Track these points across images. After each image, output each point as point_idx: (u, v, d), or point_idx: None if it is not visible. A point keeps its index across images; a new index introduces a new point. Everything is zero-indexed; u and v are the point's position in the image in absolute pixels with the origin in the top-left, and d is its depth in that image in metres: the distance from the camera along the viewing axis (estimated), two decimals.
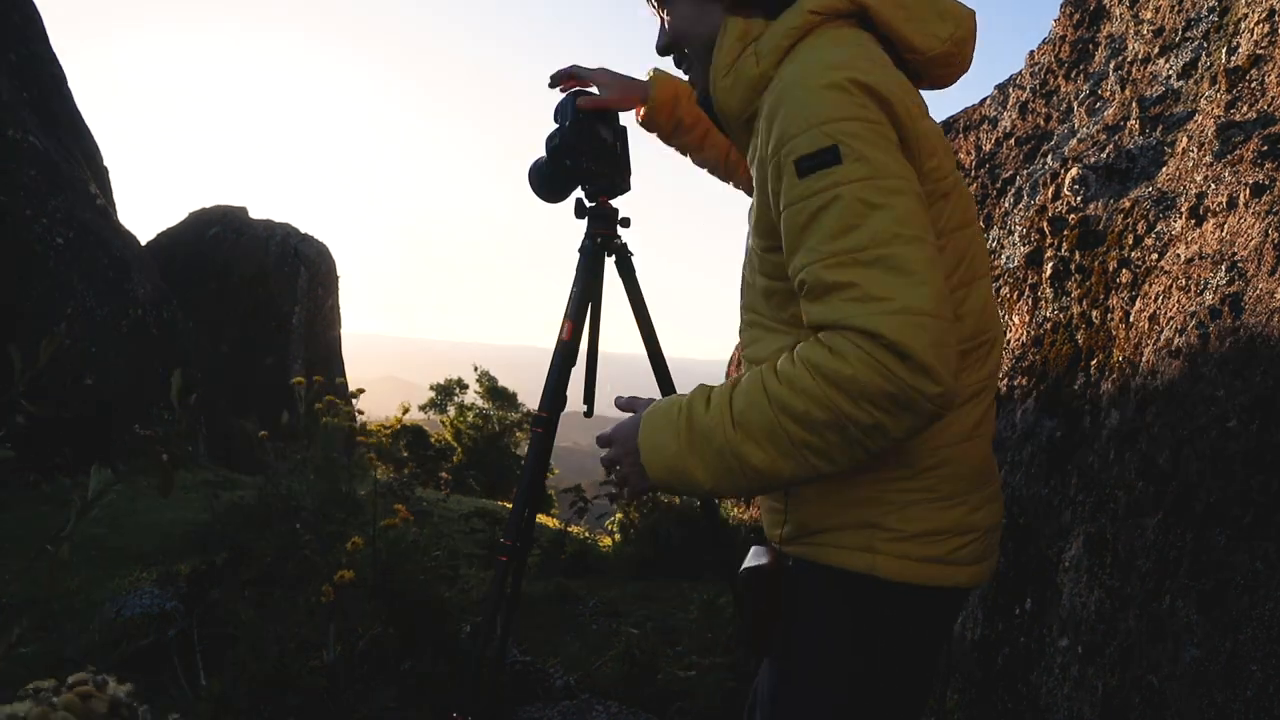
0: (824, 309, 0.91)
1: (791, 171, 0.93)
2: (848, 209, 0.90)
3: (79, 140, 7.39)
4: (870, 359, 0.86)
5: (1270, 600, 1.11)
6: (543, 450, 1.90)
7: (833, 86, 0.93)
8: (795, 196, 0.93)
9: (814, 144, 0.92)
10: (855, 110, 0.92)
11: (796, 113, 0.94)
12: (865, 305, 0.88)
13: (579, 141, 1.79)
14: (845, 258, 0.90)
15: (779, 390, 0.92)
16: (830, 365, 0.88)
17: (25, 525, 4.31)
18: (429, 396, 11.64)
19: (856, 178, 0.90)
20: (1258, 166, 1.48)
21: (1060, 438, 1.84)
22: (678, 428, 0.99)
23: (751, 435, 0.93)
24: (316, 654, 2.29)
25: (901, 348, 0.85)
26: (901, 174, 0.93)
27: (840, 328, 0.89)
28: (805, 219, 0.93)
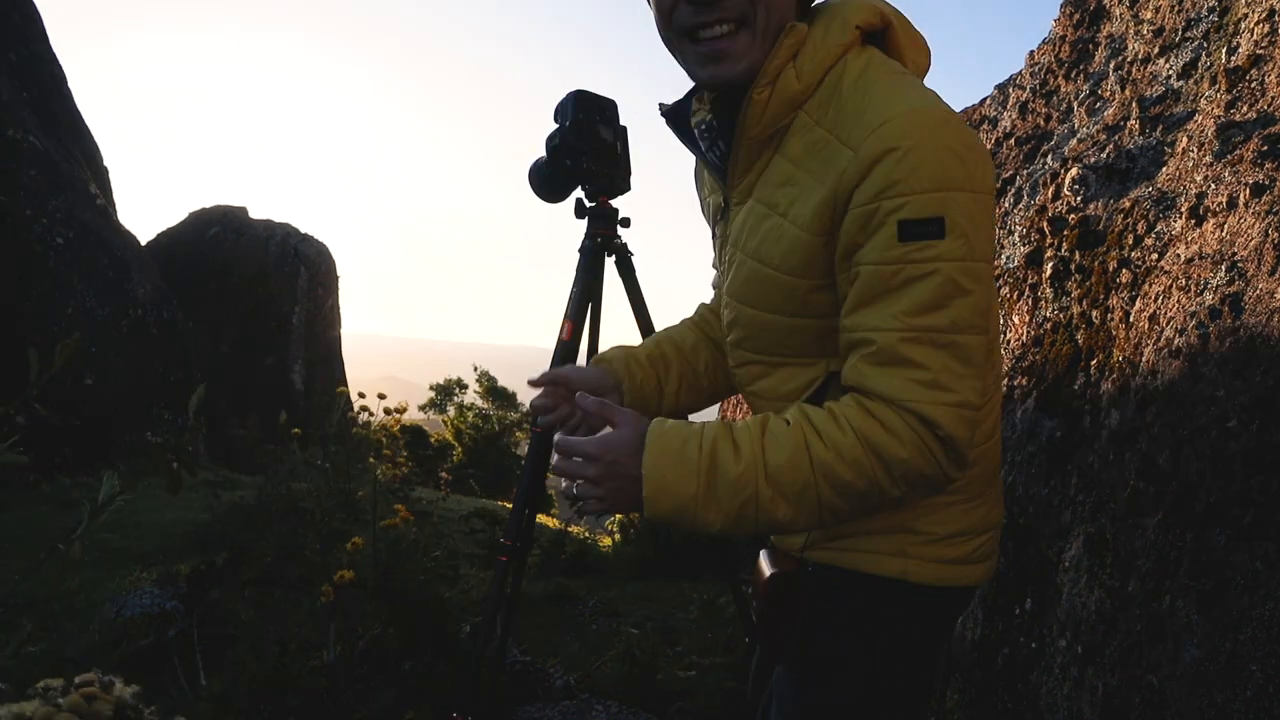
0: (889, 382, 0.91)
1: (892, 231, 0.90)
2: (940, 288, 0.89)
3: (79, 140, 7.39)
4: (924, 446, 0.90)
5: (1270, 600, 1.11)
6: (543, 450, 1.90)
7: (950, 151, 0.90)
8: (889, 258, 0.90)
9: (924, 210, 0.89)
10: (966, 180, 0.90)
11: (913, 170, 0.89)
12: (932, 392, 0.90)
13: (579, 141, 1.79)
14: (924, 335, 0.90)
15: (825, 456, 0.91)
16: (886, 444, 0.90)
17: (25, 525, 4.31)
18: (429, 396, 11.65)
19: (955, 257, 0.90)
20: (1258, 166, 1.48)
21: (1060, 438, 1.84)
22: (698, 471, 0.92)
23: (783, 493, 0.92)
24: (316, 654, 2.29)
25: (953, 441, 0.90)
26: (988, 255, 0.93)
27: (900, 407, 0.90)
28: (894, 283, 0.91)
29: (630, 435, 0.97)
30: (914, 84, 0.97)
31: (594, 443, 0.98)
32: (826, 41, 0.98)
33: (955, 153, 0.90)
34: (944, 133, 0.90)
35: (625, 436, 0.97)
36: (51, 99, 7.07)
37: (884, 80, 0.97)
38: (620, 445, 0.96)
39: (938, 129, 0.90)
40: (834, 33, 0.99)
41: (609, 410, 1.01)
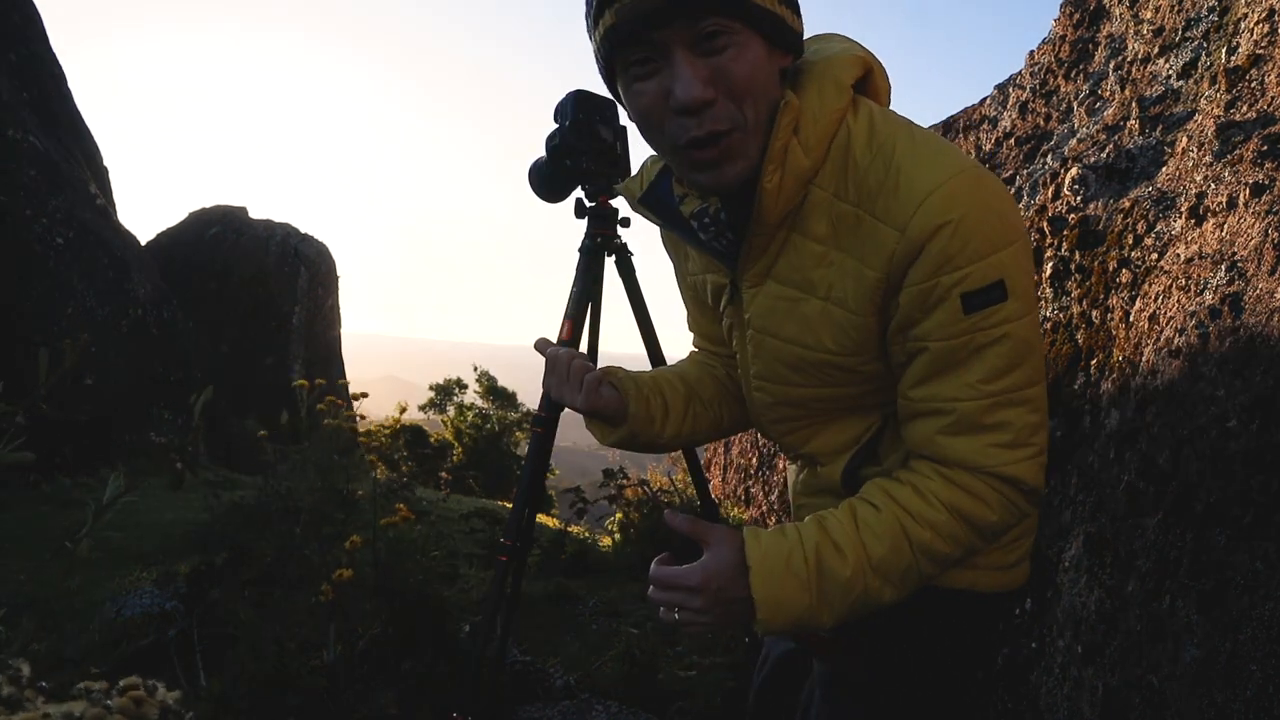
0: (968, 450, 0.92)
1: (956, 305, 0.89)
2: (1012, 350, 0.90)
3: (79, 140, 7.39)
4: (1010, 504, 0.93)
5: (1270, 600, 1.11)
6: (543, 450, 1.90)
7: (994, 211, 0.89)
8: (956, 331, 0.90)
9: (984, 279, 0.88)
10: (1012, 234, 0.90)
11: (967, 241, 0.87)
12: (1013, 452, 0.92)
13: (579, 141, 1.79)
14: (1002, 398, 0.91)
15: (922, 536, 0.92)
16: (975, 512, 0.92)
17: (25, 525, 4.31)
18: (429, 396, 11.65)
19: (1019, 315, 0.90)
20: (1258, 166, 1.48)
21: (1060, 438, 1.84)
22: (807, 581, 0.91)
23: (889, 580, 0.93)
24: (316, 654, 2.29)
25: (1035, 490, 0.94)
26: (1035, 300, 0.94)
27: (983, 472, 0.92)
28: (964, 354, 0.91)
29: (731, 558, 0.92)
30: (931, 140, 0.93)
31: (696, 573, 0.92)
32: (824, 109, 0.92)
33: (998, 211, 0.89)
34: (982, 193, 0.89)
35: (726, 560, 0.92)
36: (51, 99, 7.07)
37: (903, 143, 0.92)
38: (724, 571, 0.92)
39: (977, 191, 0.89)
40: (830, 98, 0.93)
41: (702, 529, 0.96)
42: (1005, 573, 1.08)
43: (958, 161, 0.90)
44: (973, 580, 1.05)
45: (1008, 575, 1.08)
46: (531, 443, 1.91)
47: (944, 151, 0.92)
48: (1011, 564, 1.08)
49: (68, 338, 5.80)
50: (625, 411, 1.21)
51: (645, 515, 4.47)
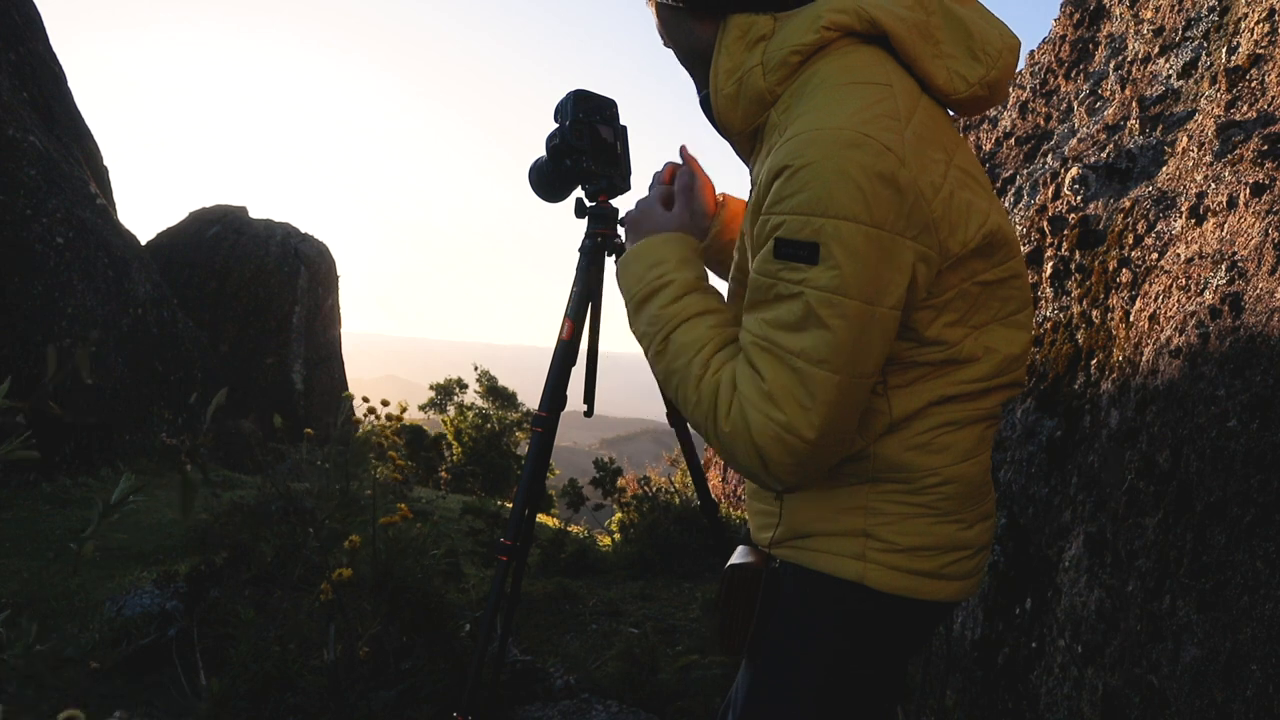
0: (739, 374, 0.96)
1: (771, 246, 0.91)
2: (799, 311, 0.90)
3: (79, 140, 7.39)
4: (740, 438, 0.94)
5: (1270, 600, 1.11)
6: (543, 450, 1.90)
7: (844, 176, 0.86)
8: (766, 270, 0.92)
9: (798, 233, 0.88)
10: (857, 211, 0.86)
11: (797, 190, 0.88)
12: (761, 401, 0.92)
13: (579, 141, 1.79)
14: (776, 350, 0.92)
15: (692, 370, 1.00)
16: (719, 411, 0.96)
17: (25, 525, 4.31)
18: (429, 396, 11.64)
19: (820, 286, 0.88)
20: (1258, 166, 1.48)
21: (1060, 437, 1.84)
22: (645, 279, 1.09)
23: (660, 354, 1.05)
24: (316, 654, 2.29)
25: (763, 453, 0.92)
26: (868, 296, 0.89)
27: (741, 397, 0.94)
28: (767, 295, 0.93)
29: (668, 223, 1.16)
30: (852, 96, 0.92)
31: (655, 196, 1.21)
32: (789, 40, 0.97)
33: (850, 179, 0.86)
34: (847, 156, 0.87)
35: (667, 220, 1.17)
36: (51, 99, 7.07)
37: (827, 90, 0.94)
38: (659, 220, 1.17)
39: (841, 151, 0.87)
40: (799, 31, 0.97)
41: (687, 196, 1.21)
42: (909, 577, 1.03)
43: (842, 119, 0.89)
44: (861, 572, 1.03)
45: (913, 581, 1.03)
46: (532, 442, 1.91)
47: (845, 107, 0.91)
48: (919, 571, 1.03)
49: (69, 338, 5.81)
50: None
51: (645, 515, 4.47)
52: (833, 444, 0.93)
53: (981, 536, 1.09)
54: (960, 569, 1.06)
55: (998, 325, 1.03)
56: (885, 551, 1.02)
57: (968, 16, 1.04)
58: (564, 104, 1.82)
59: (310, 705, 2.16)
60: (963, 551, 1.06)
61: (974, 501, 1.07)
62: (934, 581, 1.04)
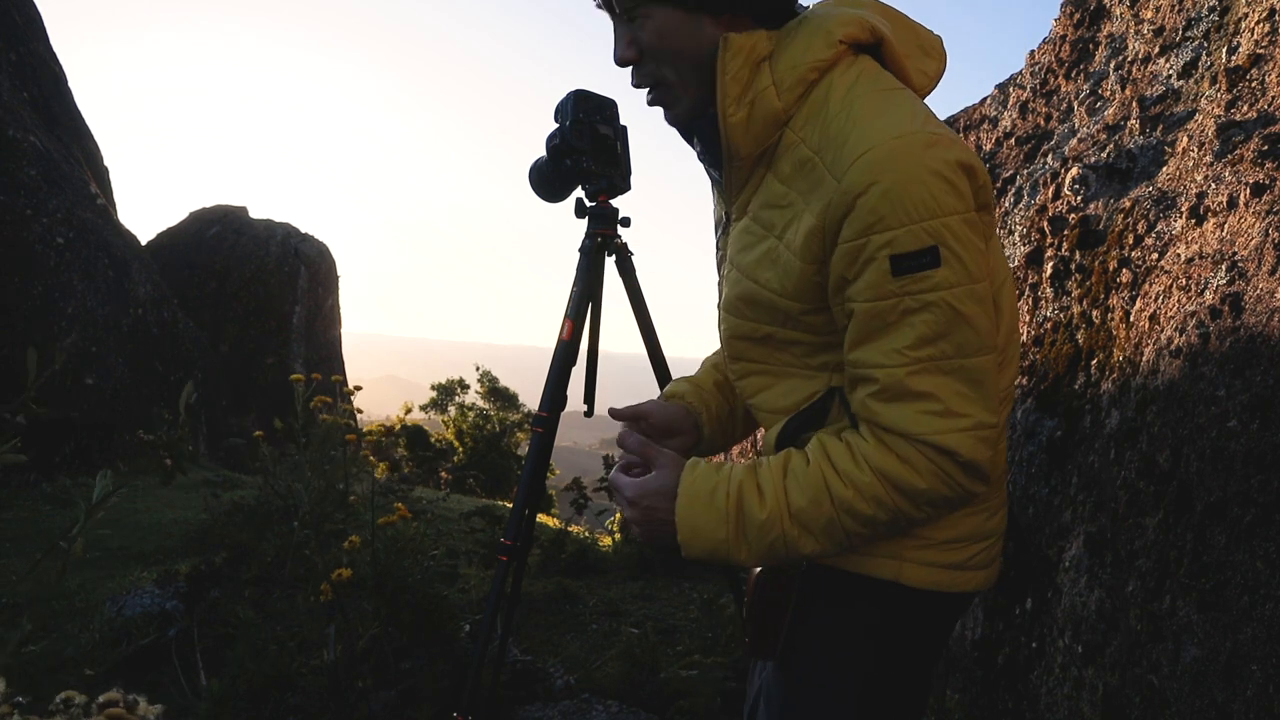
0: (898, 415, 0.91)
1: (884, 267, 0.89)
2: (941, 317, 0.89)
3: (79, 140, 7.39)
4: (943, 474, 0.91)
5: (1270, 600, 1.11)
6: (543, 450, 1.90)
7: (934, 174, 0.88)
8: (885, 293, 0.90)
9: (916, 242, 0.88)
10: (954, 202, 0.89)
11: (896, 202, 0.87)
12: (944, 421, 0.90)
13: (579, 141, 1.79)
14: (930, 365, 0.90)
15: (844, 494, 0.93)
16: (903, 477, 0.91)
17: (25, 525, 4.31)
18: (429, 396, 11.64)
19: (953, 283, 0.89)
20: (1258, 166, 1.48)
21: (1060, 437, 1.84)
22: (726, 517, 0.96)
23: (809, 530, 0.95)
24: (316, 654, 2.29)
25: (972, 463, 0.91)
26: (985, 274, 0.92)
27: (916, 440, 0.91)
28: (893, 317, 0.91)
29: (666, 481, 1.02)
30: (901, 104, 0.94)
31: (632, 486, 1.03)
32: (807, 56, 0.96)
33: (942, 176, 0.88)
34: (929, 157, 0.88)
35: (661, 481, 1.02)
36: (51, 99, 7.08)
37: (869, 101, 0.94)
38: (656, 490, 1.02)
39: (922, 155, 0.88)
40: (815, 47, 0.96)
41: (649, 451, 1.06)
42: (942, 571, 1.04)
43: (914, 124, 0.90)
44: (898, 571, 1.02)
45: (946, 575, 1.04)
46: (532, 443, 1.91)
47: (902, 113, 0.92)
48: (952, 564, 1.04)
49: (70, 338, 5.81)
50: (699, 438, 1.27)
51: None
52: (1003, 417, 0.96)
53: (1001, 523, 1.12)
54: (985, 557, 1.08)
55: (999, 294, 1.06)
56: (921, 548, 1.03)
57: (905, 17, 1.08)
58: (564, 104, 1.82)
59: (310, 705, 2.16)
60: (988, 540, 1.08)
61: (996, 489, 1.09)
62: (964, 573, 1.06)
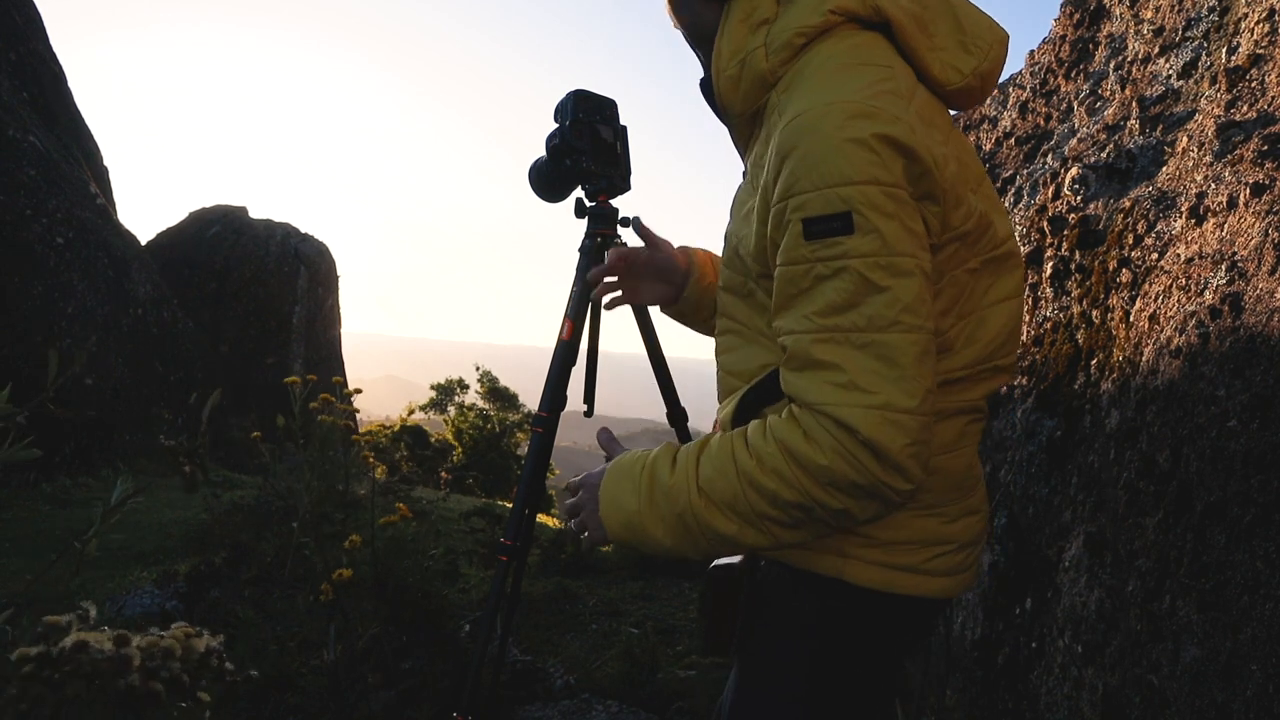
0: (805, 385, 0.88)
1: (798, 230, 0.87)
2: (850, 285, 0.86)
3: (79, 140, 7.39)
4: (845, 451, 0.85)
5: (1270, 600, 1.11)
6: (543, 450, 1.90)
7: (856, 142, 0.86)
8: (797, 257, 0.88)
9: (827, 206, 0.86)
10: (876, 171, 0.86)
11: (812, 166, 0.86)
12: (848, 394, 0.85)
13: (579, 141, 1.79)
14: (838, 335, 0.87)
15: (749, 465, 0.90)
16: (804, 450, 0.86)
17: (25, 525, 4.31)
18: (429, 396, 11.64)
19: (865, 252, 0.85)
20: (1258, 166, 1.48)
21: (1060, 437, 1.84)
22: (639, 485, 0.96)
23: (715, 503, 0.92)
24: (316, 654, 2.29)
25: (877, 445, 0.84)
26: (912, 250, 0.87)
27: (818, 411, 0.87)
28: (804, 284, 0.89)
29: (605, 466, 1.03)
30: (858, 76, 0.92)
31: (583, 475, 1.06)
32: (793, 21, 0.97)
33: (864, 144, 0.86)
34: (859, 125, 0.86)
35: (601, 469, 1.04)
36: (51, 99, 7.07)
37: (826, 71, 0.94)
38: (598, 472, 1.04)
39: (852, 121, 0.86)
40: (804, 13, 0.97)
41: (611, 445, 1.08)
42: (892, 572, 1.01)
43: (849, 94, 0.89)
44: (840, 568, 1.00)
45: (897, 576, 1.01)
46: (532, 442, 1.91)
47: (850, 84, 0.91)
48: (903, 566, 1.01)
49: (70, 338, 5.81)
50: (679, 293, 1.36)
51: None
52: (929, 409, 0.88)
53: (966, 532, 1.07)
54: (944, 564, 1.04)
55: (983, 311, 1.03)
56: (864, 546, 1.00)
57: (959, 8, 1.05)
58: (564, 104, 1.82)
59: (310, 705, 2.16)
60: (945, 546, 1.04)
61: (956, 495, 1.05)
62: (916, 576, 1.02)
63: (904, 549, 1.02)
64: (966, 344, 1.02)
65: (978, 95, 1.06)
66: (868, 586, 1.01)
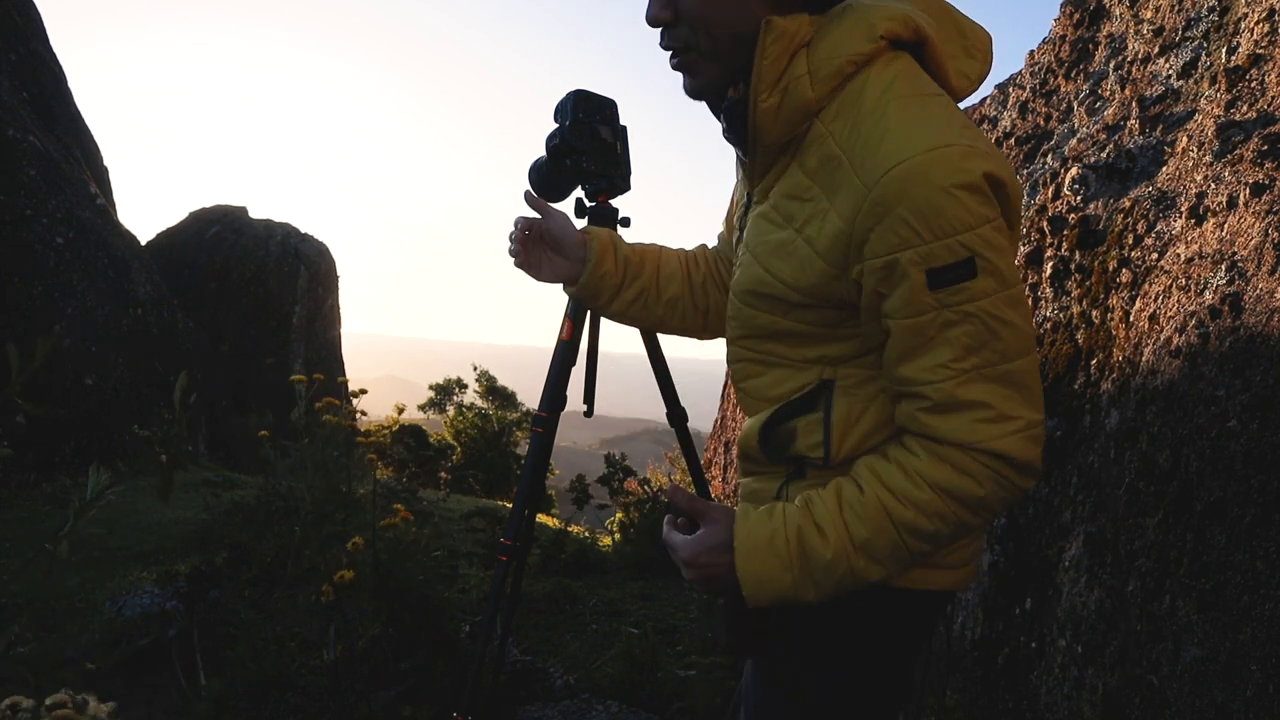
0: (954, 426, 0.91)
1: (920, 281, 0.88)
2: (981, 327, 0.89)
3: (79, 140, 7.39)
4: (1001, 479, 0.91)
5: (1270, 600, 1.11)
6: (543, 450, 1.90)
7: (968, 188, 0.87)
8: (923, 306, 0.90)
9: (951, 255, 0.87)
10: (987, 211, 0.88)
11: (931, 217, 0.87)
12: (997, 427, 0.90)
13: (579, 141, 1.79)
14: (975, 374, 0.90)
15: (905, 515, 0.93)
16: (963, 488, 0.92)
17: (25, 524, 4.31)
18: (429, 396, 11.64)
19: (990, 291, 0.89)
20: (1258, 166, 1.48)
21: (1060, 437, 1.84)
22: (790, 561, 0.96)
23: (875, 559, 0.95)
24: (316, 654, 2.29)
25: (1027, 464, 0.91)
26: (1019, 279, 0.92)
27: (970, 448, 0.91)
28: (933, 331, 0.90)
29: (720, 536, 0.99)
30: (938, 113, 0.92)
31: (687, 547, 1.01)
32: (846, 48, 0.94)
33: (977, 188, 0.88)
34: (965, 169, 0.87)
35: (716, 537, 1.00)
36: (51, 98, 7.07)
37: (904, 106, 0.92)
38: (712, 547, 1.00)
39: (958, 167, 0.87)
40: (856, 40, 0.94)
41: (699, 506, 1.04)
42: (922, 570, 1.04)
43: (945, 136, 0.89)
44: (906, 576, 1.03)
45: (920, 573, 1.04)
46: (531, 442, 1.91)
47: (938, 123, 0.90)
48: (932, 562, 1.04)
49: (70, 338, 5.81)
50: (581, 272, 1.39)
51: (645, 514, 4.47)
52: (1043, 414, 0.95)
53: None
54: (957, 557, 1.07)
55: None
56: None
57: (956, 15, 1.06)
58: (564, 104, 1.82)
59: (310, 705, 2.16)
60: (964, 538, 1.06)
61: None
62: (936, 571, 1.05)
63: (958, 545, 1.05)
64: None
65: (965, 97, 1.08)
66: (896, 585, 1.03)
